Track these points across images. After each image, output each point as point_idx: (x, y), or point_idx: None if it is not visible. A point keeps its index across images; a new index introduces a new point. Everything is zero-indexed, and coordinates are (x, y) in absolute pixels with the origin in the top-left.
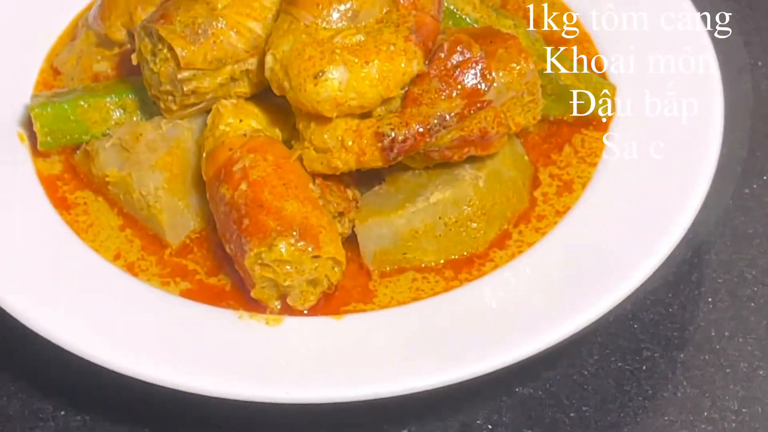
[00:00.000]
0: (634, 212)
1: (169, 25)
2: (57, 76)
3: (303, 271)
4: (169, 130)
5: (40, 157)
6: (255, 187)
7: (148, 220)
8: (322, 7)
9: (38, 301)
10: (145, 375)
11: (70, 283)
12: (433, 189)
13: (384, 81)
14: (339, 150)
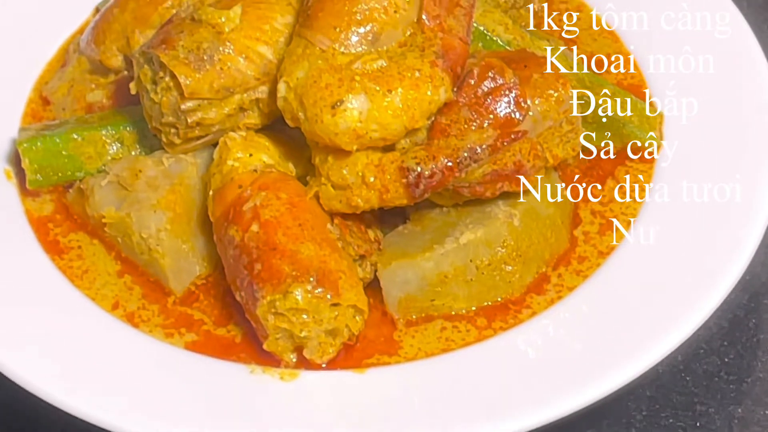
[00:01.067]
0: (685, 253)
1: (171, 51)
2: (46, 107)
3: (321, 321)
4: (171, 166)
5: (30, 197)
6: (267, 229)
7: (149, 265)
8: (340, 30)
9: (30, 357)
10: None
11: (64, 337)
12: (464, 228)
13: (408, 110)
14: (359, 187)
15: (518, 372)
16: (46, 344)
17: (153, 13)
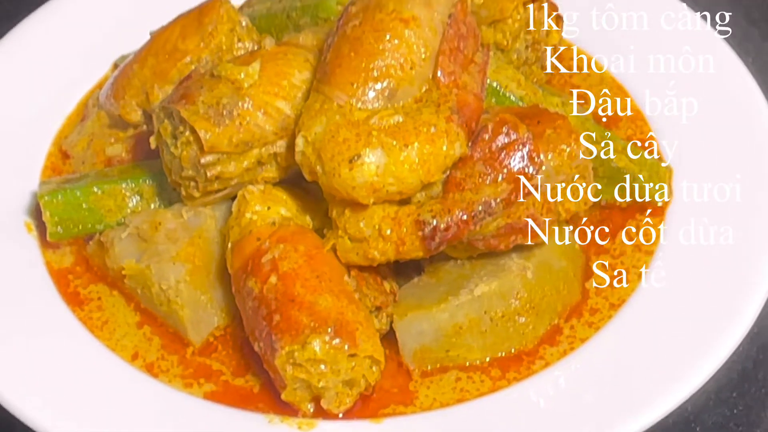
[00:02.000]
0: (695, 306)
1: (191, 106)
2: (66, 160)
3: (339, 371)
4: (190, 219)
5: (50, 249)
6: (286, 281)
7: (168, 316)
8: (357, 86)
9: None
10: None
11: (85, 387)
12: (478, 281)
13: (424, 165)
14: (376, 239)
15: (531, 422)
16: (67, 395)
17: (172, 68)
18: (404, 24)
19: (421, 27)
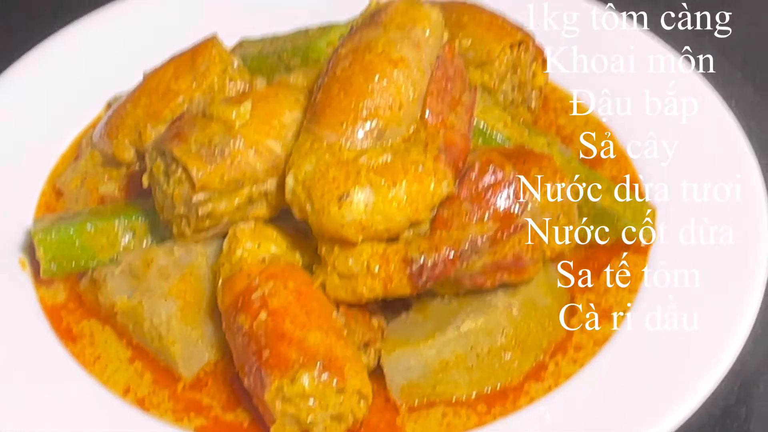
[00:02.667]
0: (677, 343)
1: (183, 145)
2: (60, 198)
3: (327, 406)
4: (182, 256)
5: (43, 285)
6: (276, 317)
7: (159, 351)
8: (347, 125)
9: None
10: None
11: (77, 421)
12: (464, 317)
13: (412, 203)
14: (364, 276)
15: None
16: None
17: (165, 108)
18: (393, 65)
19: (410, 68)
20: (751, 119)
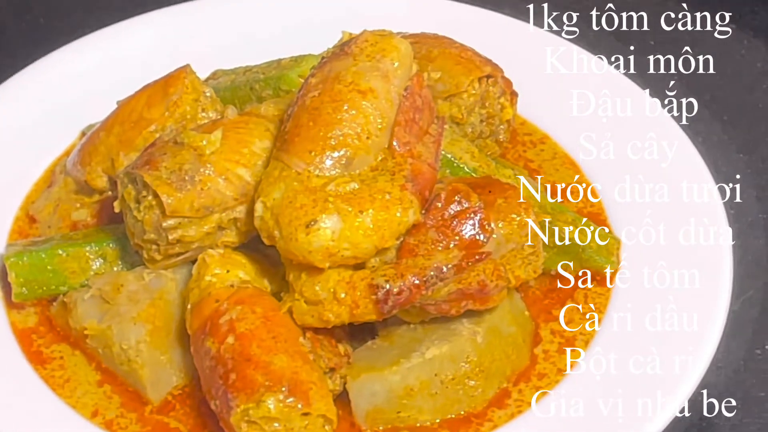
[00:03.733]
0: (638, 373)
1: (154, 171)
2: (33, 224)
3: (292, 429)
4: (152, 281)
5: (15, 309)
6: (243, 341)
7: (128, 375)
8: (315, 154)
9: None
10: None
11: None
12: (429, 344)
13: (379, 231)
14: (331, 302)
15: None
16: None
17: (137, 137)
18: (362, 95)
19: (378, 98)
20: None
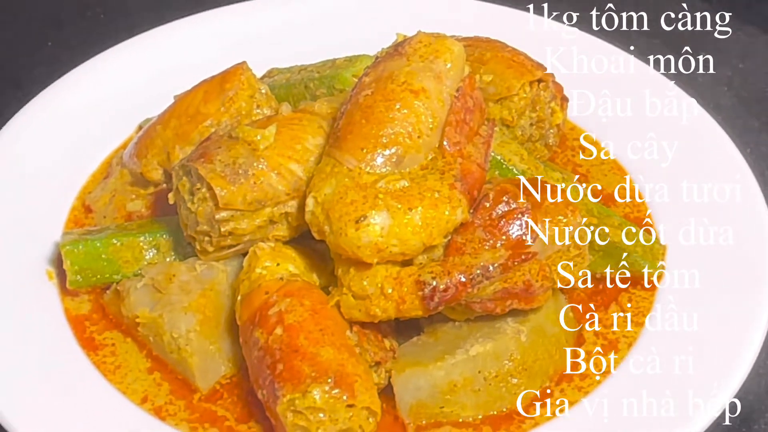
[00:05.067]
0: (680, 376)
1: (209, 164)
2: (88, 214)
3: (336, 420)
4: (203, 272)
5: (69, 296)
6: (290, 332)
7: (177, 363)
8: (367, 151)
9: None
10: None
11: (97, 427)
12: (474, 341)
13: (427, 228)
14: (378, 297)
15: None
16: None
17: (193, 131)
18: (414, 95)
19: (430, 98)
20: None
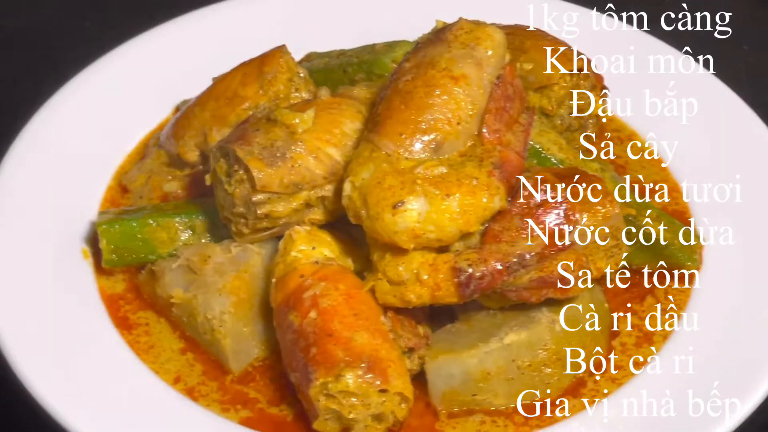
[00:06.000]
0: (716, 370)
1: (247, 147)
2: (124, 194)
3: (369, 405)
4: (238, 254)
5: (104, 275)
6: (325, 316)
7: (211, 344)
8: (406, 137)
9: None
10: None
11: (128, 405)
12: (508, 330)
13: (464, 215)
14: (413, 283)
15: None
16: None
17: (231, 113)
18: (454, 81)
19: (470, 85)
20: None
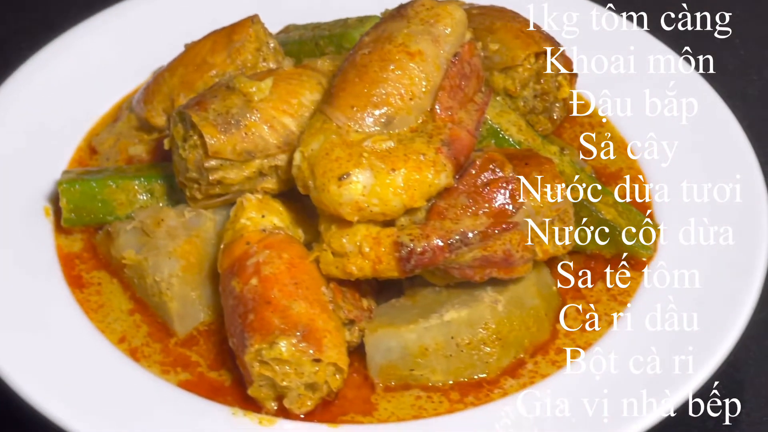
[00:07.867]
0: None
1: (202, 112)
2: (93, 156)
3: (302, 374)
4: (191, 219)
5: (62, 234)
6: (266, 283)
7: (158, 306)
8: (357, 109)
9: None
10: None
11: (70, 361)
12: (450, 307)
13: (409, 190)
14: (356, 256)
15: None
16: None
17: (198, 80)
18: (410, 57)
19: (426, 61)
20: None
